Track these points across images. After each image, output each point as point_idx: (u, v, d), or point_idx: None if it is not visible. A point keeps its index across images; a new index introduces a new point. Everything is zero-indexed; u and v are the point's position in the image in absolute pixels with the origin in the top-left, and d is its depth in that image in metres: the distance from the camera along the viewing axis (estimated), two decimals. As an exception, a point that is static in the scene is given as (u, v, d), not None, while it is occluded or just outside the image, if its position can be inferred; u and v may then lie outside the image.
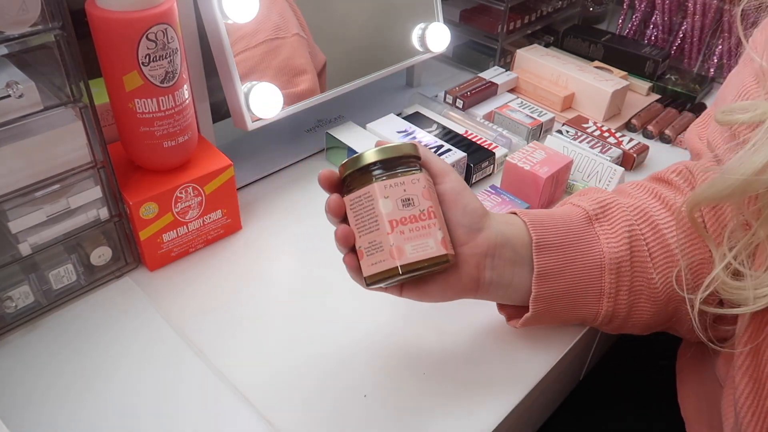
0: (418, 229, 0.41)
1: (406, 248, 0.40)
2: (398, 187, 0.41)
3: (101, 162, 0.49)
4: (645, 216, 0.47)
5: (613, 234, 0.46)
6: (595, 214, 0.47)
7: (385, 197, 0.41)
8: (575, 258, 0.45)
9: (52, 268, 0.50)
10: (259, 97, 0.60)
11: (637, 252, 0.46)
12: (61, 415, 0.44)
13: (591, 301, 0.46)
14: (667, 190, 0.49)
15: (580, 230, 0.46)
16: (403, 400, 0.46)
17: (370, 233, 0.41)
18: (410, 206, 0.41)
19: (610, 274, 0.45)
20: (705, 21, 0.90)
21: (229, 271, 0.57)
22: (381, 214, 0.40)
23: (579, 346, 0.53)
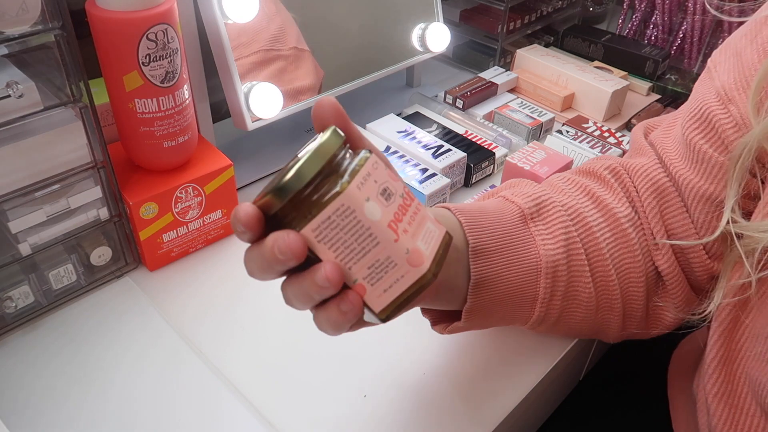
0: (413, 217, 0.32)
1: (420, 246, 0.31)
2: (369, 182, 0.30)
3: (101, 162, 0.49)
4: (580, 218, 0.45)
5: (549, 235, 0.43)
6: (530, 212, 0.44)
7: (366, 200, 0.30)
8: (511, 262, 0.42)
9: (52, 268, 0.50)
10: (259, 97, 0.60)
11: (573, 255, 0.43)
12: (61, 414, 0.44)
13: (524, 306, 0.44)
14: (599, 188, 0.47)
15: (515, 230, 0.43)
16: (403, 400, 0.46)
17: (367, 255, 0.30)
18: (391, 197, 0.31)
19: (546, 279, 0.42)
20: (705, 21, 0.90)
21: (229, 271, 0.57)
22: (374, 223, 0.30)
23: (579, 347, 0.53)
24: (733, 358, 0.41)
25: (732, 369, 0.41)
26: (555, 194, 0.46)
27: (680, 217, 0.44)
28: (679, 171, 0.44)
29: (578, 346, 0.53)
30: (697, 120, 0.43)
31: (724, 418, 0.41)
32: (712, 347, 0.42)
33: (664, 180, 0.44)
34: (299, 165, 0.29)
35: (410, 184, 0.62)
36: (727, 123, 0.41)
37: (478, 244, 0.41)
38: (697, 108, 0.43)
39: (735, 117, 0.40)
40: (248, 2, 0.57)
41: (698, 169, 0.42)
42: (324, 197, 0.29)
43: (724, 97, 0.41)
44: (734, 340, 0.41)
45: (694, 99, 0.44)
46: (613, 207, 0.45)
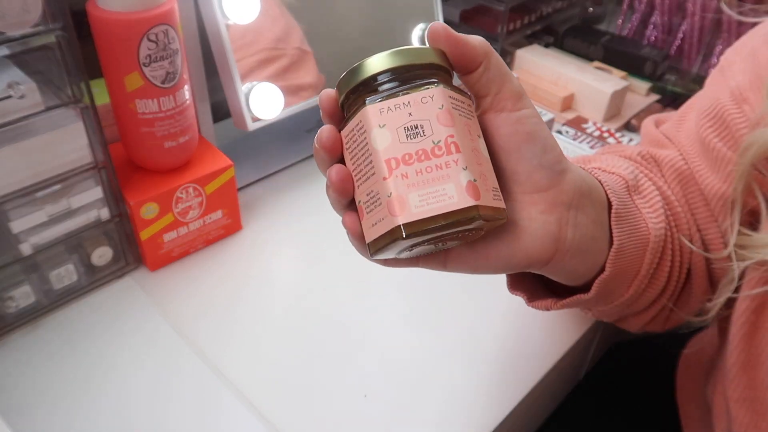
0: (430, 169, 0.28)
1: (410, 199, 0.28)
2: (400, 110, 0.28)
3: (102, 162, 0.49)
4: (664, 196, 0.43)
5: (652, 210, 0.40)
6: (633, 184, 0.41)
7: (380, 125, 0.28)
8: (632, 233, 0.38)
9: (53, 268, 0.50)
10: (259, 97, 0.61)
11: (670, 231, 0.41)
12: (61, 414, 0.44)
13: (625, 283, 0.40)
14: (648, 172, 0.45)
15: (627, 201, 0.39)
16: (403, 400, 0.46)
17: (367, 180, 0.29)
18: (418, 137, 0.28)
19: (650, 255, 0.39)
20: (705, 21, 0.90)
21: (229, 271, 0.57)
22: (375, 152, 0.28)
23: (579, 347, 0.53)
24: (754, 362, 0.40)
25: (754, 374, 0.40)
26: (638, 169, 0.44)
27: (703, 209, 0.44)
28: (698, 168, 0.44)
29: (578, 346, 0.53)
30: (712, 119, 0.43)
31: (746, 424, 0.41)
32: (732, 352, 0.41)
33: (688, 171, 0.44)
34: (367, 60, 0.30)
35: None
36: (741, 123, 0.41)
37: (619, 210, 0.37)
38: (711, 107, 0.43)
39: (749, 117, 0.40)
40: (249, 3, 0.57)
41: (714, 167, 0.42)
42: (357, 106, 0.29)
43: (738, 96, 0.41)
44: (755, 344, 0.40)
45: (707, 97, 0.44)
46: (666, 191, 0.44)
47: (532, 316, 0.53)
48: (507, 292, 0.51)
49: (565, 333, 0.52)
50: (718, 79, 0.45)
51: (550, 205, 0.32)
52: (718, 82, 0.44)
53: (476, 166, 0.29)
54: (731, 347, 0.41)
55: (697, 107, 0.45)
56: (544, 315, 0.54)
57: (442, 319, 0.53)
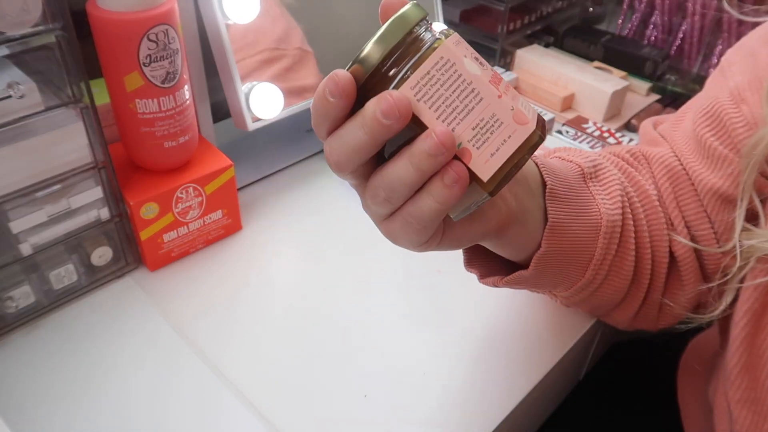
0: (508, 87, 0.29)
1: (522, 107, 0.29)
2: (462, 45, 0.28)
3: (102, 162, 0.49)
4: (633, 181, 0.45)
5: (607, 196, 0.42)
6: (589, 172, 0.43)
7: (464, 56, 0.28)
8: (578, 215, 0.41)
9: (53, 268, 0.50)
10: (259, 97, 0.61)
11: (626, 220, 0.43)
12: (61, 414, 0.44)
13: (580, 264, 0.42)
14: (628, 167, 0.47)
15: (578, 187, 0.42)
16: (403, 400, 0.46)
17: (470, 114, 0.28)
18: (484, 65, 0.29)
19: (604, 238, 0.41)
20: (705, 21, 0.90)
21: (229, 271, 0.57)
22: (477, 78, 0.28)
23: (579, 347, 0.53)
24: (756, 363, 0.41)
25: (756, 376, 0.41)
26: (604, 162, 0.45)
27: (694, 205, 0.44)
28: (691, 165, 0.44)
29: (578, 346, 0.53)
30: (709, 117, 0.43)
31: (747, 425, 0.41)
32: (734, 353, 0.41)
33: (679, 168, 0.45)
34: (392, 21, 0.27)
35: (410, 184, 0.62)
36: (739, 122, 0.41)
37: (554, 188, 0.39)
38: (709, 105, 0.43)
39: (747, 117, 0.40)
40: (249, 3, 0.57)
41: (709, 164, 0.43)
42: (420, 52, 0.27)
43: (737, 96, 0.42)
44: (757, 345, 0.40)
45: (706, 96, 0.44)
46: (644, 183, 0.46)
47: (532, 316, 0.53)
48: (506, 293, 0.52)
49: (565, 333, 0.52)
50: (718, 79, 0.45)
51: None
52: (718, 81, 0.44)
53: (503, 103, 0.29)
54: (732, 348, 0.41)
55: (695, 106, 0.45)
56: (544, 315, 0.54)
57: (442, 319, 0.53)
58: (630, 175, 0.46)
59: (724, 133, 0.42)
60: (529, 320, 0.53)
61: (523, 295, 0.55)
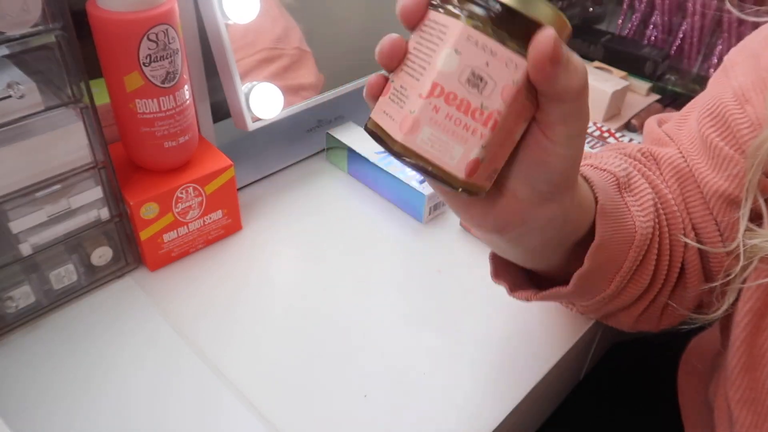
0: (456, 123, 0.27)
1: (422, 132, 0.28)
2: (482, 52, 0.26)
3: (102, 162, 0.49)
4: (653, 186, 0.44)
5: (641, 208, 0.41)
6: (624, 182, 0.42)
7: (456, 50, 0.27)
8: (617, 230, 0.40)
9: (53, 268, 0.50)
10: (259, 97, 0.61)
11: (655, 231, 0.42)
12: (61, 414, 0.44)
13: (606, 278, 0.41)
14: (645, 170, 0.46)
15: (618, 200, 0.41)
16: (403, 400, 0.46)
17: (409, 76, 0.28)
18: (474, 89, 0.27)
19: (635, 252, 0.40)
20: (705, 21, 0.90)
21: (229, 271, 0.57)
22: (433, 66, 0.27)
23: (579, 346, 0.53)
24: (756, 364, 0.40)
25: (756, 376, 0.40)
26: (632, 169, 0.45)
27: (700, 207, 0.44)
28: (697, 166, 0.44)
29: (578, 346, 0.53)
30: (713, 117, 0.43)
31: (748, 425, 0.41)
32: (734, 354, 0.41)
33: (686, 169, 0.45)
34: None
35: (410, 184, 0.62)
36: (743, 122, 0.41)
37: (605, 205, 0.38)
38: (714, 105, 0.43)
39: (751, 117, 0.40)
40: (249, 3, 0.57)
41: (714, 165, 0.43)
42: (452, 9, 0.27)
43: (741, 97, 0.41)
44: (758, 346, 0.40)
45: (710, 96, 0.44)
46: (663, 188, 0.45)
47: (532, 316, 0.53)
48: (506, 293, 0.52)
49: (565, 333, 0.52)
50: (721, 78, 0.45)
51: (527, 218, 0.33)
52: (721, 81, 0.44)
53: (496, 147, 0.28)
54: (733, 349, 0.41)
55: (699, 105, 0.45)
56: (544, 315, 0.54)
57: (442, 319, 0.53)
58: (649, 179, 0.45)
59: (729, 133, 0.42)
60: (529, 320, 0.53)
61: (523, 295, 0.55)
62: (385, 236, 0.62)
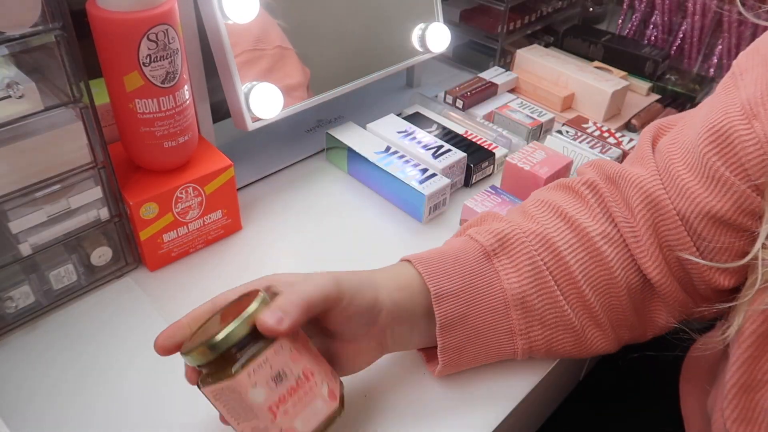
0: (302, 398, 0.36)
1: (297, 425, 0.35)
2: (263, 368, 0.34)
3: (102, 162, 0.49)
4: (548, 244, 0.45)
5: (513, 269, 0.45)
6: (492, 249, 0.45)
7: (253, 386, 0.34)
8: (476, 300, 0.44)
9: (53, 268, 0.50)
10: (259, 97, 0.61)
11: (542, 284, 0.44)
12: (61, 414, 0.44)
13: (503, 341, 0.45)
14: (573, 206, 0.47)
15: (478, 269, 0.45)
16: (403, 400, 0.46)
17: (249, 421, 0.35)
18: (284, 380, 0.35)
19: (516, 311, 0.44)
20: (705, 21, 0.90)
21: (229, 271, 0.57)
22: (256, 405, 0.34)
23: (579, 347, 0.53)
24: (754, 386, 0.40)
25: (752, 397, 0.40)
26: (524, 222, 0.47)
27: (676, 231, 0.43)
28: (686, 183, 0.43)
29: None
30: (716, 137, 0.41)
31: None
32: (734, 373, 0.41)
33: (659, 192, 0.44)
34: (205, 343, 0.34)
35: (410, 184, 0.62)
36: (749, 141, 0.39)
37: (440, 290, 0.44)
38: (718, 122, 0.41)
39: (758, 134, 0.39)
40: (248, 2, 0.57)
41: (709, 185, 0.42)
42: (219, 374, 0.34)
43: (749, 111, 0.40)
44: (759, 367, 0.40)
45: (716, 109, 0.43)
46: (587, 226, 0.46)
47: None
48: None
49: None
50: (729, 86, 0.43)
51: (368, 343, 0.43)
52: (730, 91, 0.43)
53: (323, 373, 0.37)
54: (734, 368, 0.41)
55: (703, 119, 0.44)
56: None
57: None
58: (570, 220, 0.46)
59: (733, 155, 0.40)
60: (529, 320, 0.53)
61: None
62: (385, 236, 0.62)
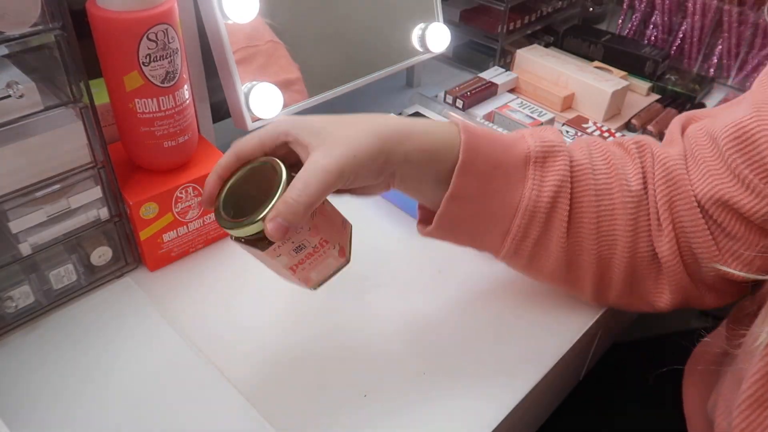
0: (317, 259, 0.42)
1: (312, 275, 0.43)
2: (286, 244, 0.40)
3: (101, 162, 0.49)
4: (582, 177, 0.45)
5: (542, 182, 0.45)
6: (536, 156, 0.45)
7: (278, 257, 0.40)
8: (495, 190, 0.45)
9: (53, 268, 0.50)
10: (259, 97, 0.61)
11: (558, 208, 0.45)
12: (61, 414, 0.44)
13: (495, 236, 0.46)
14: (621, 158, 0.48)
15: (513, 166, 0.45)
16: (403, 400, 0.46)
17: (273, 269, 0.43)
18: (303, 249, 0.41)
19: (522, 219, 0.45)
20: (705, 21, 0.90)
21: (229, 271, 0.57)
22: (279, 267, 0.41)
23: (579, 346, 0.53)
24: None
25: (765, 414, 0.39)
26: (574, 149, 0.47)
27: (691, 212, 0.43)
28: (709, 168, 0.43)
29: (578, 346, 0.53)
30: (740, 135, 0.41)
31: None
32: (751, 385, 0.40)
33: (681, 173, 0.44)
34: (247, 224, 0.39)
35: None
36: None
37: (469, 162, 0.43)
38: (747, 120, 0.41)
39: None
40: (248, 2, 0.57)
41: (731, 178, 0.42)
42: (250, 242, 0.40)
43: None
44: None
45: (749, 102, 0.42)
46: (625, 178, 0.46)
47: (531, 316, 0.53)
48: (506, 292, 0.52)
49: (565, 333, 0.52)
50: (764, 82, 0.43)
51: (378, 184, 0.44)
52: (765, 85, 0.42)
53: (336, 236, 0.43)
54: (751, 380, 0.40)
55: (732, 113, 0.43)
56: (544, 315, 0.54)
57: (442, 318, 0.53)
58: (613, 168, 0.46)
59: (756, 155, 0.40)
60: (529, 320, 0.53)
61: (523, 295, 0.55)
62: (385, 236, 0.62)
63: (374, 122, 0.41)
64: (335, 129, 0.40)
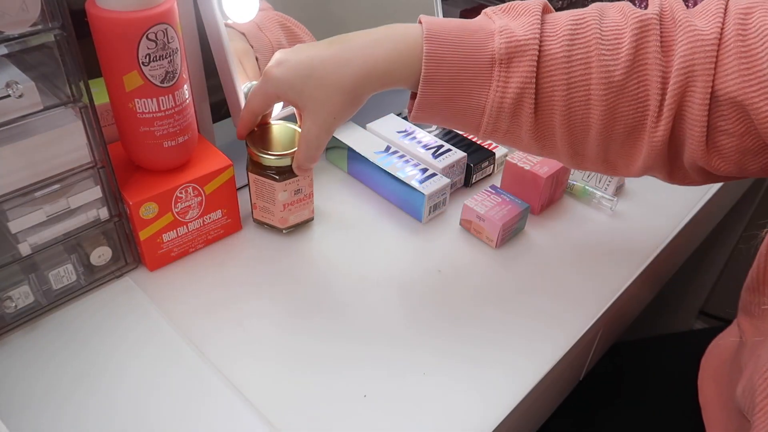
0: (301, 206, 0.59)
1: (290, 218, 0.59)
2: (293, 184, 0.56)
3: (101, 162, 0.49)
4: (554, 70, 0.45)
5: (507, 83, 0.46)
6: (500, 58, 0.45)
7: (283, 191, 0.56)
8: (462, 93, 0.47)
9: (52, 268, 0.50)
10: (259, 97, 0.60)
11: (523, 106, 0.46)
12: (61, 414, 0.44)
13: (469, 127, 0.49)
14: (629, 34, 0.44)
15: (479, 70, 0.46)
16: (403, 400, 0.46)
17: (266, 201, 0.57)
18: (299, 193, 0.57)
19: (489, 117, 0.47)
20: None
21: (229, 271, 0.57)
22: (278, 200, 0.56)
23: (579, 346, 0.53)
24: None
25: None
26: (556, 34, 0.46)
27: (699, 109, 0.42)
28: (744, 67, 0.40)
29: (578, 345, 0.53)
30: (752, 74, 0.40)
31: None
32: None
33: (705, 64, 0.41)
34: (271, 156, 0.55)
35: (410, 184, 0.62)
36: None
37: (432, 73, 0.47)
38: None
39: None
40: (248, 2, 0.57)
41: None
42: (268, 175, 0.56)
43: None
44: None
45: None
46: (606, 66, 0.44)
47: (531, 316, 0.53)
48: (506, 293, 0.52)
49: (565, 333, 0.52)
50: None
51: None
52: None
53: (313, 196, 0.60)
54: None
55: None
56: (544, 316, 0.54)
57: (442, 318, 0.53)
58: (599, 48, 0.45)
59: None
60: (529, 320, 0.53)
61: (523, 295, 0.55)
62: (385, 236, 0.62)
63: (341, 74, 0.47)
64: (312, 90, 0.47)
